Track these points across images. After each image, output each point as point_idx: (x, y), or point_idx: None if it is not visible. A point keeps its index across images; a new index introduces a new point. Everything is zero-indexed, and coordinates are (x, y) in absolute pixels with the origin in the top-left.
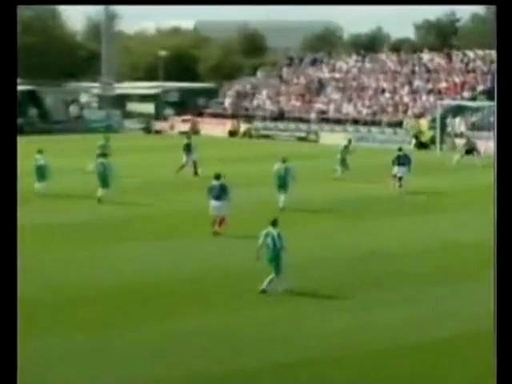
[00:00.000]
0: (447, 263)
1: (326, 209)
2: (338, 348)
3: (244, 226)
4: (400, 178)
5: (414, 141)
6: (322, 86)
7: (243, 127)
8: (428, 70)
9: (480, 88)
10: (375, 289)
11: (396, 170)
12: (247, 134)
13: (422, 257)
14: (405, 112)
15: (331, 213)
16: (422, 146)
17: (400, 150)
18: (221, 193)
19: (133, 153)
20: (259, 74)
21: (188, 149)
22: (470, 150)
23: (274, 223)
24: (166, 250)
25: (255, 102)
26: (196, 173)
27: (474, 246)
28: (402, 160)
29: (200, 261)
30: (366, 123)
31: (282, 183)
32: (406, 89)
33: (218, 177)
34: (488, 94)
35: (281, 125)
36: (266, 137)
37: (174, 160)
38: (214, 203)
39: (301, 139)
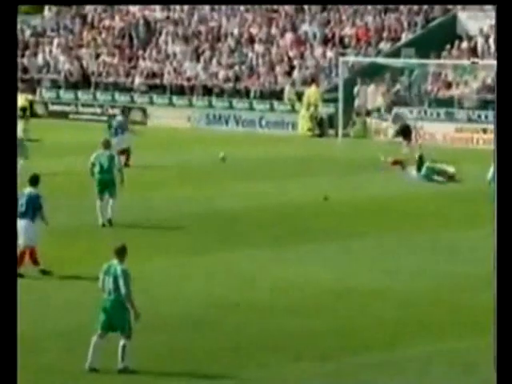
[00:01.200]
0: None
1: None
2: None
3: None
4: None
5: (303, 122)
6: (151, 32)
7: (21, 99)
8: (323, 8)
9: (406, 37)
10: None
11: None
12: (27, 111)
13: None
14: (288, 75)
15: None
16: (318, 129)
17: None
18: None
19: None
20: (47, 12)
21: None
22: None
23: (121, 253)
24: None
25: (40, 59)
26: None
27: None
28: None
29: None
30: (222, 93)
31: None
32: (289, 37)
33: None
34: (418, 47)
35: (84, 96)
36: (60, 115)
37: None
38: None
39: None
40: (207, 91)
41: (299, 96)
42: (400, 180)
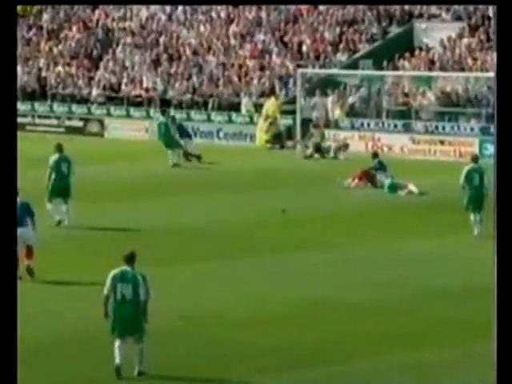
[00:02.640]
0: None
1: None
2: None
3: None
4: None
5: (261, 134)
6: (108, 41)
7: None
8: (282, 19)
9: (363, 48)
10: None
11: None
12: None
13: None
14: (246, 85)
15: None
16: (276, 141)
17: None
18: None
19: None
20: None
21: None
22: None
23: (131, 259)
24: None
25: None
26: None
27: None
28: None
29: None
30: (180, 105)
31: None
32: (248, 47)
33: None
34: (375, 58)
35: (41, 107)
36: (17, 126)
37: None
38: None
39: (73, 131)
40: (165, 102)
41: (257, 107)
42: (361, 192)
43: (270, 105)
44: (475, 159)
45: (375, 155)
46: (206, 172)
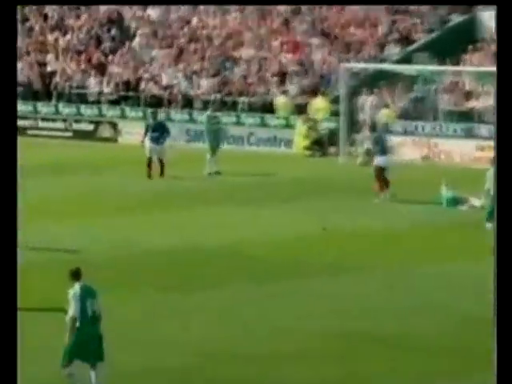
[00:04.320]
0: None
1: None
2: None
3: None
4: None
5: (299, 139)
6: (123, 33)
7: None
8: (323, 8)
9: (419, 40)
10: None
11: None
12: None
13: None
14: (281, 83)
15: None
16: (316, 147)
17: None
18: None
19: None
20: None
21: None
22: None
23: (78, 274)
24: None
25: None
26: None
27: None
28: None
29: None
30: (206, 105)
31: None
32: (284, 39)
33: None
34: (431, 52)
35: (45, 108)
36: (17, 131)
37: None
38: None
39: (82, 135)
40: (188, 103)
41: (295, 108)
42: (415, 207)
43: (317, 105)
44: None
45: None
46: (235, 183)
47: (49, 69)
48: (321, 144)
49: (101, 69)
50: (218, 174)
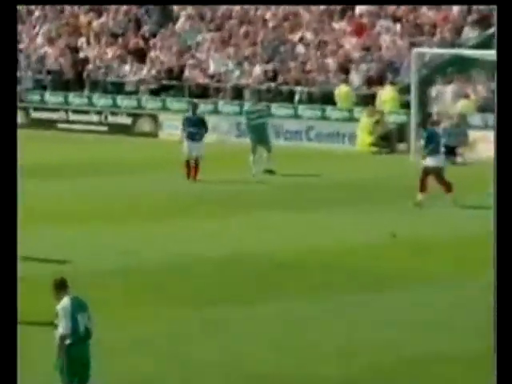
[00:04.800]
0: None
1: None
2: None
3: None
4: None
5: (363, 135)
6: (165, 15)
7: None
8: None
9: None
10: None
11: None
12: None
13: None
14: (344, 71)
15: None
16: (383, 143)
17: None
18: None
19: None
20: None
21: None
22: None
23: (65, 285)
24: None
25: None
26: None
27: None
28: None
29: None
30: (258, 96)
31: None
32: (347, 21)
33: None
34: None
35: (77, 99)
36: (46, 124)
37: None
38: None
39: (119, 129)
40: (238, 93)
41: (360, 99)
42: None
43: (385, 95)
44: None
45: None
46: (290, 184)
47: (81, 55)
48: (388, 140)
49: (140, 55)
50: (272, 172)
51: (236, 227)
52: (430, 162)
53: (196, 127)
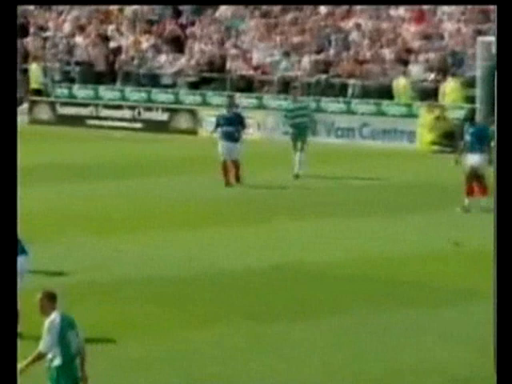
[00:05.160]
0: None
1: None
2: None
3: None
4: None
5: (424, 132)
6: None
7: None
8: None
9: None
10: None
11: None
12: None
13: None
14: (402, 61)
15: None
16: (445, 141)
17: None
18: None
19: None
20: None
21: None
22: None
23: (52, 299)
24: None
25: (44, 40)
26: None
27: None
28: None
29: None
30: (308, 90)
31: None
32: (405, 7)
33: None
34: None
35: (108, 93)
36: (74, 120)
37: None
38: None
39: (154, 126)
40: (285, 86)
41: (420, 93)
42: None
43: (447, 88)
44: None
45: None
46: (343, 186)
47: (113, 44)
48: (451, 138)
49: (177, 44)
50: (297, 177)
51: (283, 235)
52: (472, 160)
53: (232, 126)
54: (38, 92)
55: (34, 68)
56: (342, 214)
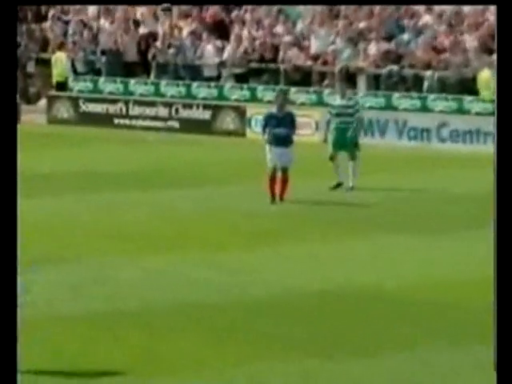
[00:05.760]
0: None
1: None
2: None
3: None
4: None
5: None
6: None
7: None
8: None
9: None
10: None
11: None
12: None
13: None
14: (487, 51)
15: None
16: None
17: None
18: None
19: None
20: None
21: None
22: None
23: None
24: None
25: (66, 27)
26: None
27: None
28: None
29: None
30: (376, 83)
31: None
32: None
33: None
34: None
35: (140, 87)
36: (100, 119)
37: None
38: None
39: (194, 127)
40: (349, 78)
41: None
42: None
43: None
44: None
45: None
46: (416, 198)
47: (145, 30)
48: None
49: (222, 30)
50: (339, 186)
51: (340, 254)
52: None
53: (283, 127)
54: (62, 86)
55: (58, 57)
56: (413, 230)
